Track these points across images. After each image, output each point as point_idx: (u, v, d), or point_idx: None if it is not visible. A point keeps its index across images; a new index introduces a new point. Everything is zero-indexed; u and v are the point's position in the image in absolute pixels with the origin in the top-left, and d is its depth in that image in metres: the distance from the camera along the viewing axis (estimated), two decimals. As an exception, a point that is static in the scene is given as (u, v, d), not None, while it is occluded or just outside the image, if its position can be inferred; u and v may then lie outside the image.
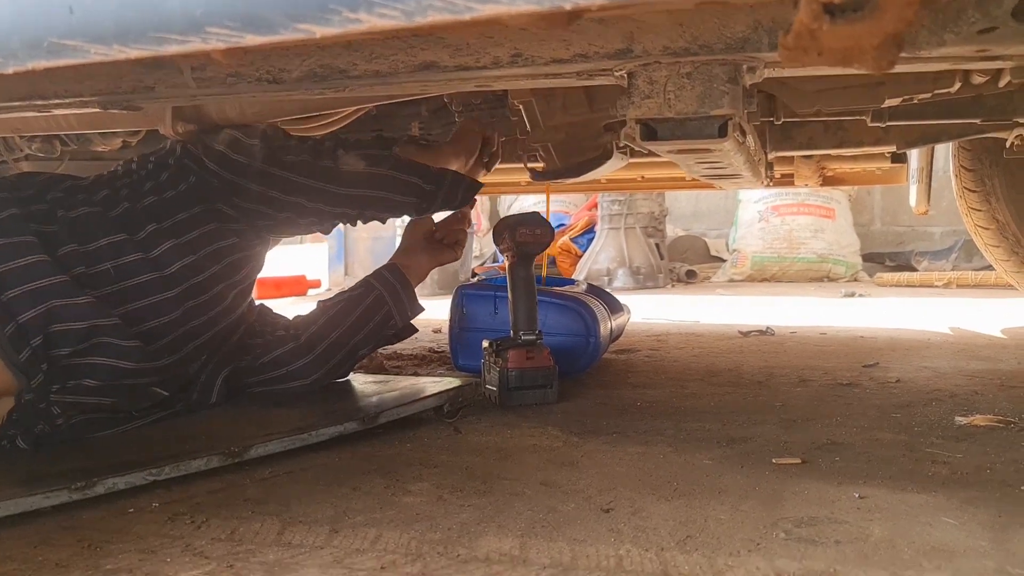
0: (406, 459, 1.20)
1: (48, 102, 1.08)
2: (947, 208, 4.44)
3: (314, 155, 1.44)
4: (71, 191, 1.34)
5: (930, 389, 1.62)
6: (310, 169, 1.43)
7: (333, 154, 1.46)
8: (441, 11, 0.51)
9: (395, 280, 1.62)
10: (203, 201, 1.38)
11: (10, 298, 1.16)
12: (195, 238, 1.35)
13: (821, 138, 1.96)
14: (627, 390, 1.69)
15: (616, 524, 0.92)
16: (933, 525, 0.89)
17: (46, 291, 1.19)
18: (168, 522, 0.97)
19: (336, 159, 1.45)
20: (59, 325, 1.19)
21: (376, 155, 1.50)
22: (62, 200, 1.31)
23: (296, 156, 1.43)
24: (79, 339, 1.21)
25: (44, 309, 1.18)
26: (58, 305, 1.19)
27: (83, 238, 1.27)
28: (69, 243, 1.26)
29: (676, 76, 0.92)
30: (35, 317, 1.17)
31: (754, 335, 2.56)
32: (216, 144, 1.39)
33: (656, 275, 4.90)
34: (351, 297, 1.60)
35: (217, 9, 0.54)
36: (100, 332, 1.23)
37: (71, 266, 1.24)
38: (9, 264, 1.18)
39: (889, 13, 0.54)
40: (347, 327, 1.55)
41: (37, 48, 0.59)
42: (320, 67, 0.97)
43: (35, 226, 1.24)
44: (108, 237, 1.29)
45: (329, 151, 1.46)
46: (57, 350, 1.20)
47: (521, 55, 0.92)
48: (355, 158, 1.46)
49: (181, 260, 1.33)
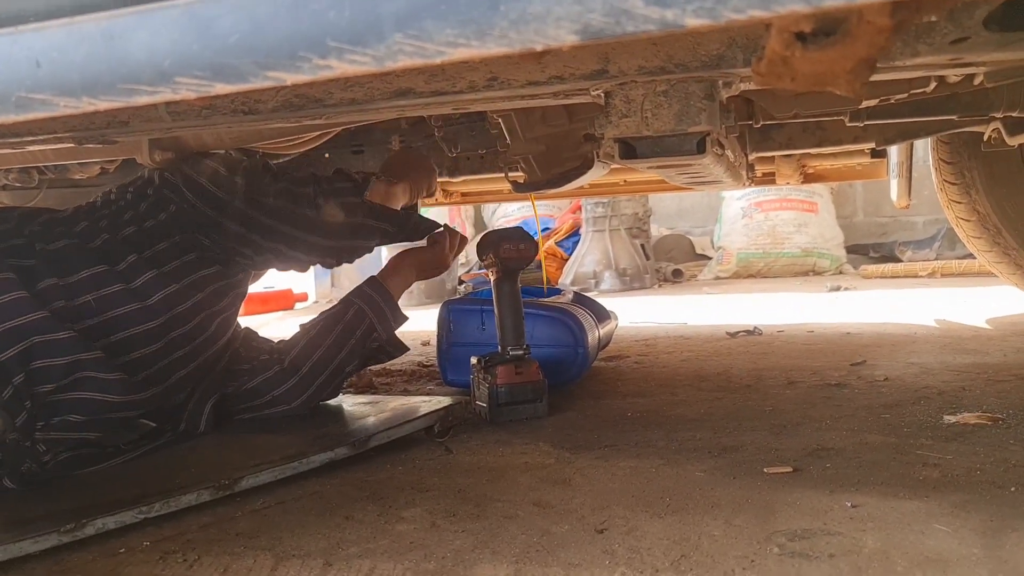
0: (398, 483, 1.20)
1: (22, 139, 1.07)
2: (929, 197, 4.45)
3: (294, 202, 1.45)
4: (49, 224, 1.33)
5: (918, 387, 1.63)
6: (292, 219, 1.45)
7: (313, 203, 1.47)
8: (412, 55, 0.51)
9: (375, 292, 1.61)
10: (183, 230, 1.37)
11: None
12: (177, 267, 1.34)
13: (800, 138, 1.97)
14: (617, 400, 1.69)
15: (610, 545, 0.92)
16: (926, 533, 0.89)
17: (25, 328, 1.18)
18: (159, 561, 0.96)
19: (317, 208, 1.47)
20: (41, 361, 1.18)
21: (353, 204, 1.53)
22: (40, 234, 1.30)
23: (276, 201, 1.44)
24: (62, 374, 1.20)
25: (25, 347, 1.17)
26: (39, 341, 1.18)
27: (63, 271, 1.26)
28: (48, 277, 1.24)
29: (653, 95, 0.92)
30: (16, 354, 1.16)
31: (742, 335, 2.57)
32: (197, 176, 1.39)
33: (643, 276, 4.91)
34: (330, 315, 1.59)
35: (185, 60, 0.54)
36: (82, 366, 1.22)
37: (51, 300, 1.23)
38: None
39: (861, 40, 0.54)
40: (329, 345, 1.53)
41: (5, 103, 0.58)
42: (296, 97, 0.97)
43: (13, 261, 1.23)
44: (89, 269, 1.28)
45: (309, 198, 1.47)
46: (40, 386, 1.19)
47: (497, 79, 0.91)
48: (334, 208, 1.49)
49: (163, 290, 1.32)
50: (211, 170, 1.39)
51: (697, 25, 0.47)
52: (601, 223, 4.95)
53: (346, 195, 1.53)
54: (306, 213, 1.46)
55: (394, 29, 0.50)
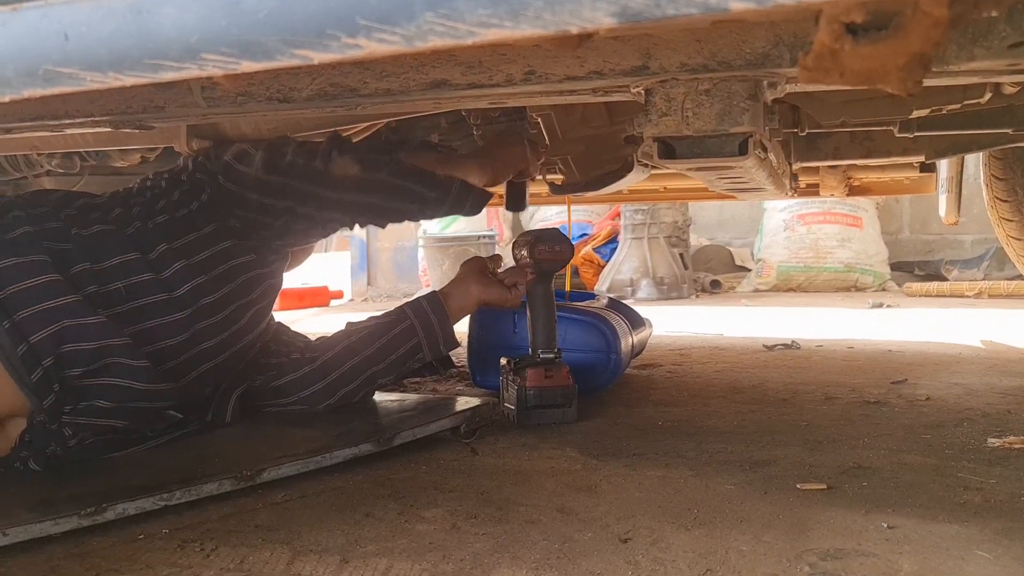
0: (421, 483, 1.18)
1: (60, 122, 1.07)
2: (978, 215, 4.36)
3: (307, 158, 1.39)
4: (85, 209, 1.34)
5: (961, 408, 1.58)
6: (300, 172, 1.38)
7: (327, 156, 1.40)
8: (443, 36, 0.49)
9: (431, 310, 1.54)
10: (217, 219, 1.36)
11: (22, 318, 1.15)
12: (207, 257, 1.34)
13: (847, 148, 1.92)
14: (648, 408, 1.66)
15: (634, 556, 0.89)
16: (966, 559, 0.85)
17: (58, 311, 1.18)
18: (177, 550, 0.95)
19: (329, 161, 1.39)
20: (70, 345, 1.18)
21: (374, 159, 1.44)
22: (76, 218, 1.30)
23: (291, 158, 1.38)
24: (91, 359, 1.20)
25: (56, 329, 1.17)
26: (70, 325, 1.18)
27: (96, 256, 1.26)
28: (82, 261, 1.25)
29: (694, 93, 0.89)
30: (47, 337, 1.16)
31: (779, 349, 2.52)
32: (224, 155, 1.38)
33: (680, 285, 4.85)
34: (380, 323, 1.54)
35: (213, 36, 0.53)
36: (111, 352, 1.21)
37: (83, 285, 1.23)
38: (22, 284, 1.17)
39: (915, 33, 0.51)
40: (367, 355, 1.50)
41: (32, 76, 0.57)
42: (330, 86, 0.96)
43: (48, 244, 1.23)
44: (120, 256, 1.28)
45: (324, 154, 1.40)
46: (69, 370, 1.19)
47: (534, 72, 0.89)
48: (349, 161, 1.40)
49: (191, 281, 1.32)
50: (238, 148, 1.38)
51: (742, 10, 0.45)
52: (640, 230, 4.90)
53: (370, 152, 1.45)
54: (316, 166, 1.39)
55: (425, 8, 0.48)
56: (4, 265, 1.17)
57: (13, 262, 1.17)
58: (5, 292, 1.15)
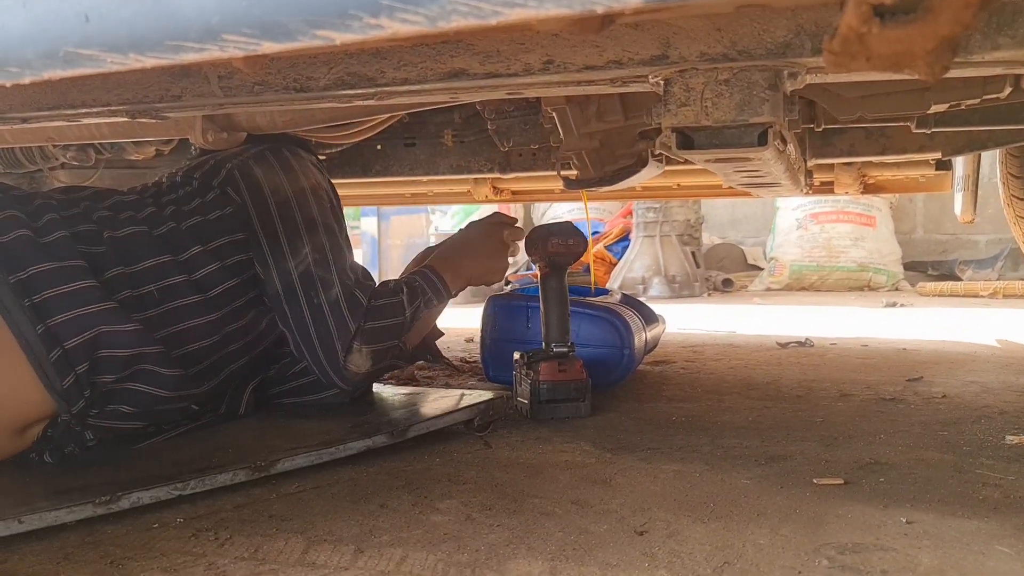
0: (435, 475, 1.18)
1: (77, 111, 1.07)
2: (993, 215, 4.33)
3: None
4: (116, 208, 1.33)
5: (978, 405, 1.57)
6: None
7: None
8: (466, 16, 0.49)
9: (427, 285, 1.55)
10: (244, 228, 1.37)
11: (58, 323, 1.14)
12: (238, 262, 1.35)
13: (863, 145, 1.91)
14: (662, 403, 1.65)
15: (650, 548, 0.88)
16: (986, 554, 0.84)
17: (94, 317, 1.17)
18: (192, 539, 0.95)
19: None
20: (105, 351, 1.18)
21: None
22: (108, 220, 1.30)
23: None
24: (123, 366, 1.20)
25: (91, 336, 1.16)
26: (105, 331, 1.17)
27: (129, 259, 1.26)
28: (116, 265, 1.24)
29: (714, 83, 0.88)
30: (82, 343, 1.16)
31: (793, 347, 2.50)
32: (261, 184, 1.41)
33: (692, 284, 4.84)
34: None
35: (233, 16, 0.52)
36: (144, 360, 1.21)
37: (118, 289, 1.23)
38: (59, 288, 1.16)
39: (944, 15, 0.51)
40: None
41: (52, 58, 0.57)
42: (347, 75, 0.95)
43: (83, 248, 1.23)
44: (153, 258, 1.28)
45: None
46: (101, 377, 1.19)
47: (553, 62, 0.89)
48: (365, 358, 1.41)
49: (224, 283, 1.32)
50: (274, 185, 1.40)
51: (770, -12, 0.44)
52: (652, 228, 4.89)
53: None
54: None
55: (449, -13, 0.48)
56: (42, 269, 1.16)
57: (51, 266, 1.17)
58: (42, 296, 1.15)
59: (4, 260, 1.15)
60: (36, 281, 1.15)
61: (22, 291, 1.14)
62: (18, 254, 1.16)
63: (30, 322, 1.12)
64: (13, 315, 1.12)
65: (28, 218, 1.21)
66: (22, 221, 1.20)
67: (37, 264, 1.16)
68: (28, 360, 1.12)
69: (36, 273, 1.16)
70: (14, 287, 1.13)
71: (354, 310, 1.36)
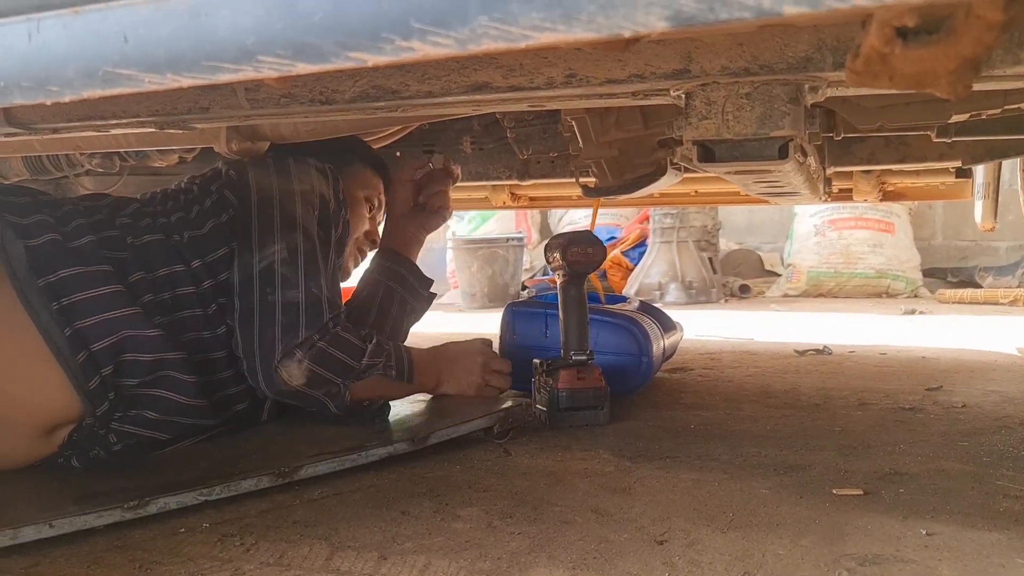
0: (455, 482, 1.19)
1: (107, 122, 1.09)
2: (1013, 222, 4.29)
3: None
4: (137, 215, 1.36)
5: (999, 415, 1.56)
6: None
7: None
8: (496, 39, 0.50)
9: (395, 264, 1.69)
10: (235, 234, 1.38)
11: (85, 326, 1.17)
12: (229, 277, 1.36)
13: (882, 153, 1.91)
14: (680, 411, 1.66)
15: (670, 557, 0.89)
16: (1007, 567, 0.84)
17: (120, 321, 1.19)
18: (218, 543, 0.97)
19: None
20: (130, 355, 1.20)
21: None
22: (130, 226, 1.32)
23: None
24: (146, 371, 1.22)
25: (117, 339, 1.19)
26: (130, 335, 1.20)
27: (149, 265, 1.29)
28: (138, 271, 1.27)
29: (735, 96, 0.89)
30: (108, 346, 1.18)
31: (811, 354, 2.50)
32: (258, 187, 1.43)
33: (709, 290, 4.83)
34: (363, 301, 1.67)
35: (268, 39, 0.54)
36: (166, 365, 1.24)
37: (141, 294, 1.25)
38: (87, 292, 1.19)
39: (967, 37, 0.51)
40: (369, 328, 1.54)
41: (92, 77, 0.59)
42: (372, 88, 0.97)
43: (108, 253, 1.25)
44: (168, 267, 1.31)
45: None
46: (125, 379, 1.21)
47: (575, 75, 0.90)
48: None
49: (222, 296, 1.34)
50: (262, 184, 1.43)
51: (795, 14, 0.45)
52: (669, 234, 4.88)
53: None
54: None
55: (479, 11, 0.49)
56: (71, 273, 1.19)
57: (80, 271, 1.20)
58: (70, 299, 1.17)
59: (34, 263, 1.18)
60: (65, 284, 1.18)
61: (51, 294, 1.16)
62: (48, 258, 1.19)
63: (58, 325, 1.15)
64: (41, 317, 1.15)
65: (57, 223, 1.24)
66: (51, 225, 1.23)
67: (66, 268, 1.19)
68: (56, 361, 1.15)
69: (66, 277, 1.18)
70: (43, 290, 1.16)
71: (312, 319, 1.31)
